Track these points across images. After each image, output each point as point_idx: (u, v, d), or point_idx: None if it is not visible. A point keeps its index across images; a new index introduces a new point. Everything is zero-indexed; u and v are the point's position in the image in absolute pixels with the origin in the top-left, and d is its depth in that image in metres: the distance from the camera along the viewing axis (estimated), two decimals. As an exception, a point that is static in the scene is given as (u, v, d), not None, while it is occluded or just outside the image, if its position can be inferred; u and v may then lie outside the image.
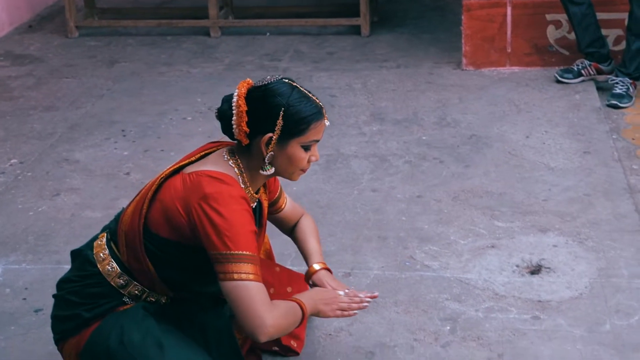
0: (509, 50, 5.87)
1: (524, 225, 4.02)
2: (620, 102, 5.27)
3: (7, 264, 3.90)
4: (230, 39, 6.89)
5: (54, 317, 2.80)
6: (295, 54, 6.50)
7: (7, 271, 3.85)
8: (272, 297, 2.77)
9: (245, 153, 2.73)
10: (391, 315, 3.40)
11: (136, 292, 2.75)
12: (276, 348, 3.18)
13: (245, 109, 2.64)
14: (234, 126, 2.66)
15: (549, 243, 3.87)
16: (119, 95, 5.84)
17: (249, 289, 2.56)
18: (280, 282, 3.15)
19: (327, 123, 2.72)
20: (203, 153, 2.78)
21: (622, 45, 5.56)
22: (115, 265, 2.74)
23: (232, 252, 2.55)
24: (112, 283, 2.73)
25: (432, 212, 4.17)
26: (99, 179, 4.67)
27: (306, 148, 2.70)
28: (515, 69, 5.89)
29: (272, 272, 3.15)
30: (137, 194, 2.77)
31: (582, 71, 5.57)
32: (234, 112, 2.66)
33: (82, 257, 2.80)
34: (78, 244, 3.19)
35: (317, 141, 2.72)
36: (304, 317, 2.73)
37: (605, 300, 3.46)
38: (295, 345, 3.19)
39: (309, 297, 2.79)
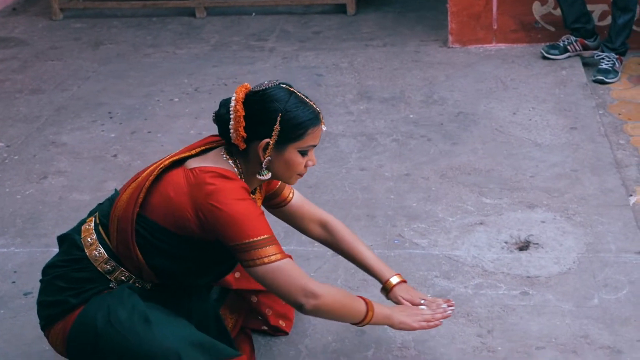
0: (495, 27, 5.86)
1: (512, 202, 4.03)
2: (607, 78, 5.28)
3: (-5, 247, 3.91)
4: (215, 19, 6.86)
5: (40, 302, 2.79)
6: (282, 33, 6.48)
7: (-5, 255, 3.85)
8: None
9: (243, 157, 2.72)
10: (381, 293, 3.40)
11: (123, 278, 2.74)
12: (265, 328, 3.19)
13: (243, 113, 2.64)
14: (232, 131, 2.66)
15: (537, 219, 3.88)
16: (105, 77, 5.82)
17: (282, 268, 2.60)
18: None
19: (324, 128, 2.73)
20: (204, 147, 2.77)
21: (608, 21, 5.56)
22: (102, 250, 2.72)
23: (254, 239, 2.58)
24: (99, 268, 2.72)
25: (420, 190, 4.18)
26: (87, 161, 4.66)
27: (303, 153, 2.70)
28: (502, 45, 5.89)
29: None
30: (133, 180, 2.75)
31: (568, 47, 5.57)
32: (231, 116, 2.65)
33: (69, 241, 2.78)
34: (66, 226, 3.18)
35: (315, 146, 2.72)
36: (367, 316, 2.75)
37: (593, 275, 3.47)
38: (284, 325, 3.20)
39: (385, 306, 2.84)
